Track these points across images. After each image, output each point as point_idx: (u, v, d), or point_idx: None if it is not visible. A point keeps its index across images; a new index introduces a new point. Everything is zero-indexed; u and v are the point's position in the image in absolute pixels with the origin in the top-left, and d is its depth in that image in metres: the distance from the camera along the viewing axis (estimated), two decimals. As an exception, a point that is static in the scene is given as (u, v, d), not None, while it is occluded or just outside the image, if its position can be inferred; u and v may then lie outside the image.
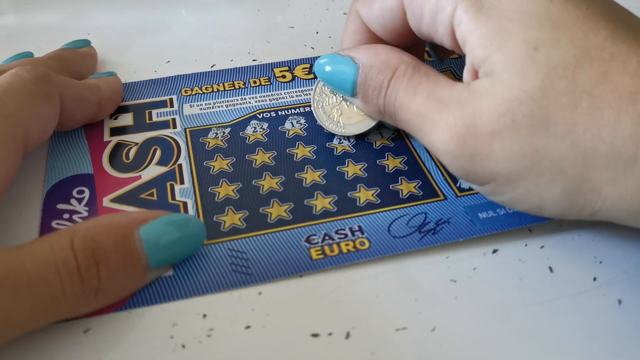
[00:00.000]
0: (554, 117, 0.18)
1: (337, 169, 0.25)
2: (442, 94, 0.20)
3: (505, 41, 0.19)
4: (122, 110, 0.28)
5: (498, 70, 0.19)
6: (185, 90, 0.30)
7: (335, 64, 0.24)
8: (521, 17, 0.19)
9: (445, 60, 0.31)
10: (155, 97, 0.29)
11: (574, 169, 0.18)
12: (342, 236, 0.22)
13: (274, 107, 0.29)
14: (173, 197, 0.24)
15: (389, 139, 0.27)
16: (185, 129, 0.27)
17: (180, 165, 0.25)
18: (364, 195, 0.24)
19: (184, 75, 0.31)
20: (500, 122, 0.19)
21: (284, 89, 0.30)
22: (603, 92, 0.18)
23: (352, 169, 0.25)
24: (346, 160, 0.26)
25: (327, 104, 0.26)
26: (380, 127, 0.27)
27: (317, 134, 0.27)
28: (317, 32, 0.35)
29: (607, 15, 0.19)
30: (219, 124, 0.28)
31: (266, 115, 0.28)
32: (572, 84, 0.18)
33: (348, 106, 0.26)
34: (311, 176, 0.25)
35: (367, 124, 0.26)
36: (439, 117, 0.20)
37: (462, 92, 0.20)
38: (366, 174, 0.25)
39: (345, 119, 0.26)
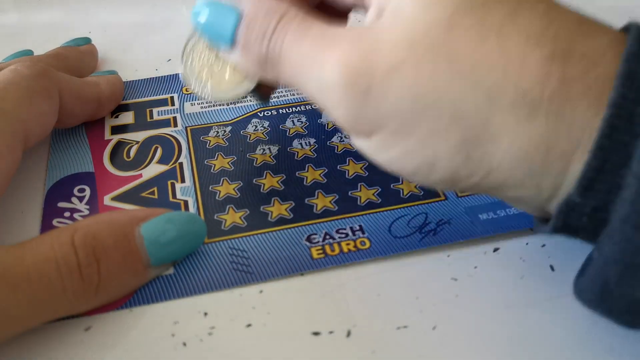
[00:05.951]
0: (458, 53, 0.17)
1: (338, 168, 0.25)
2: (337, 33, 0.18)
3: None
4: (123, 108, 0.28)
5: (404, 5, 0.18)
6: (186, 89, 0.30)
7: (216, 7, 0.21)
8: None
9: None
10: (156, 95, 0.29)
11: (474, 112, 0.17)
12: (343, 235, 0.22)
13: (274, 106, 0.29)
14: (174, 196, 0.24)
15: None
16: (186, 127, 0.27)
17: (181, 164, 0.25)
18: (365, 194, 0.24)
19: (184, 73, 0.31)
20: (400, 56, 0.17)
21: (284, 87, 0.30)
22: (511, 32, 0.17)
23: (353, 168, 0.25)
24: (347, 159, 0.25)
25: (197, 61, 0.23)
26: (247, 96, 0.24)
27: (318, 133, 0.27)
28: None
29: None
30: (220, 122, 0.28)
31: (267, 113, 0.28)
32: (480, 20, 0.17)
33: (219, 69, 0.23)
34: (312, 175, 0.25)
35: (235, 94, 0.23)
36: (331, 52, 0.18)
37: (361, 30, 0.18)
38: (367, 173, 0.25)
39: (214, 83, 0.23)
